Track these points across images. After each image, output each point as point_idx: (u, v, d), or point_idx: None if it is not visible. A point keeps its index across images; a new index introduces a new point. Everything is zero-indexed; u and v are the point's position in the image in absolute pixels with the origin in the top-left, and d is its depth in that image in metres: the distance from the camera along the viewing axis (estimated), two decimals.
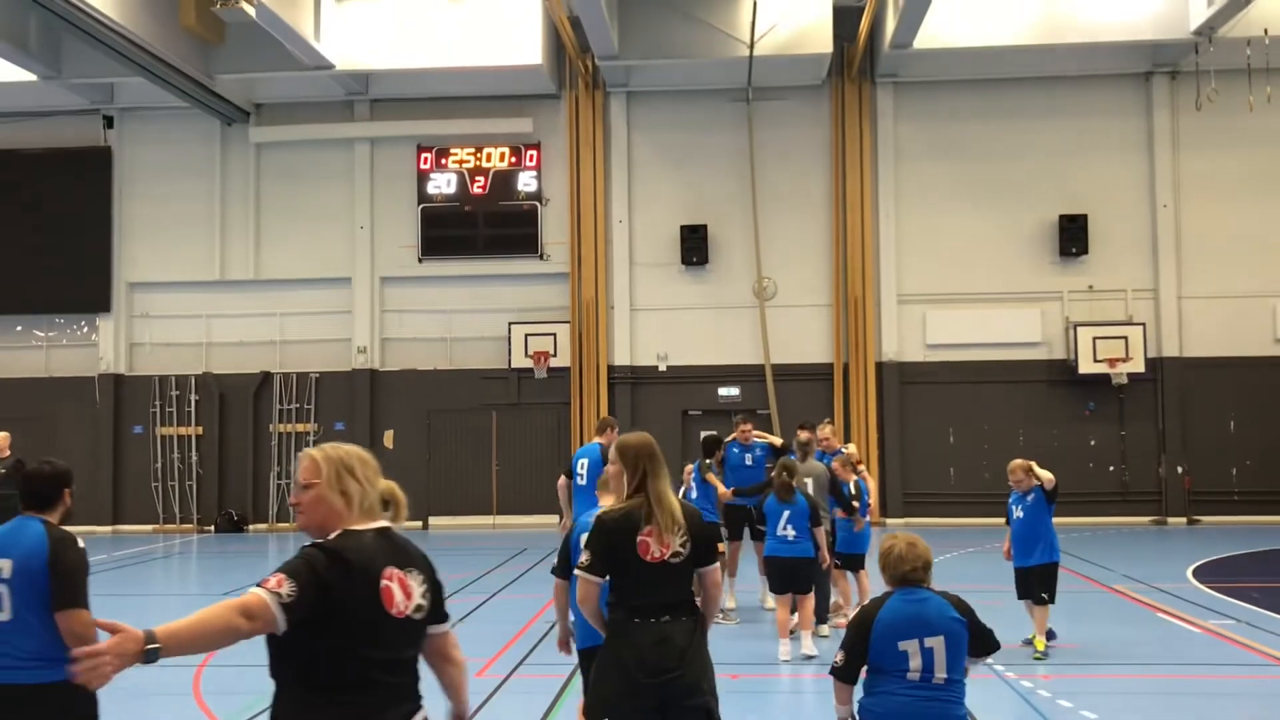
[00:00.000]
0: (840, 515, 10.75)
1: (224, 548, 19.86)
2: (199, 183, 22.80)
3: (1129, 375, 20.77)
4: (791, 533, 9.62)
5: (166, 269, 22.80)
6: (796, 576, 9.61)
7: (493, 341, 22.13)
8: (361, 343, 22.38)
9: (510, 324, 21.91)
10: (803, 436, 11.72)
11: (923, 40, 19.54)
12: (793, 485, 9.77)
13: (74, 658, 2.76)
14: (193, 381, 22.58)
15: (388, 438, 22.32)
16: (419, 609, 3.34)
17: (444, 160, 22.40)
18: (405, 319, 22.60)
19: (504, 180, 22.35)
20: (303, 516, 3.38)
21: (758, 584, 11.72)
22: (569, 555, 5.41)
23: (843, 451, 11.62)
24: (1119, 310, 21.40)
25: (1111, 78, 21.57)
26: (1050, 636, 9.51)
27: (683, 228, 21.80)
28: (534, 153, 22.31)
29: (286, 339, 22.70)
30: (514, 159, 22.34)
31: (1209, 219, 21.31)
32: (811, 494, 10.23)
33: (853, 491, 10.75)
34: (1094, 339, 20.88)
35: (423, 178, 22.43)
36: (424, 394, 22.20)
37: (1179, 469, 21.15)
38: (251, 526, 22.21)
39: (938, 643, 4.44)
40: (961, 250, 21.58)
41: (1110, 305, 21.44)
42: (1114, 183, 21.58)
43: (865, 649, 4.50)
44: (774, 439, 12.67)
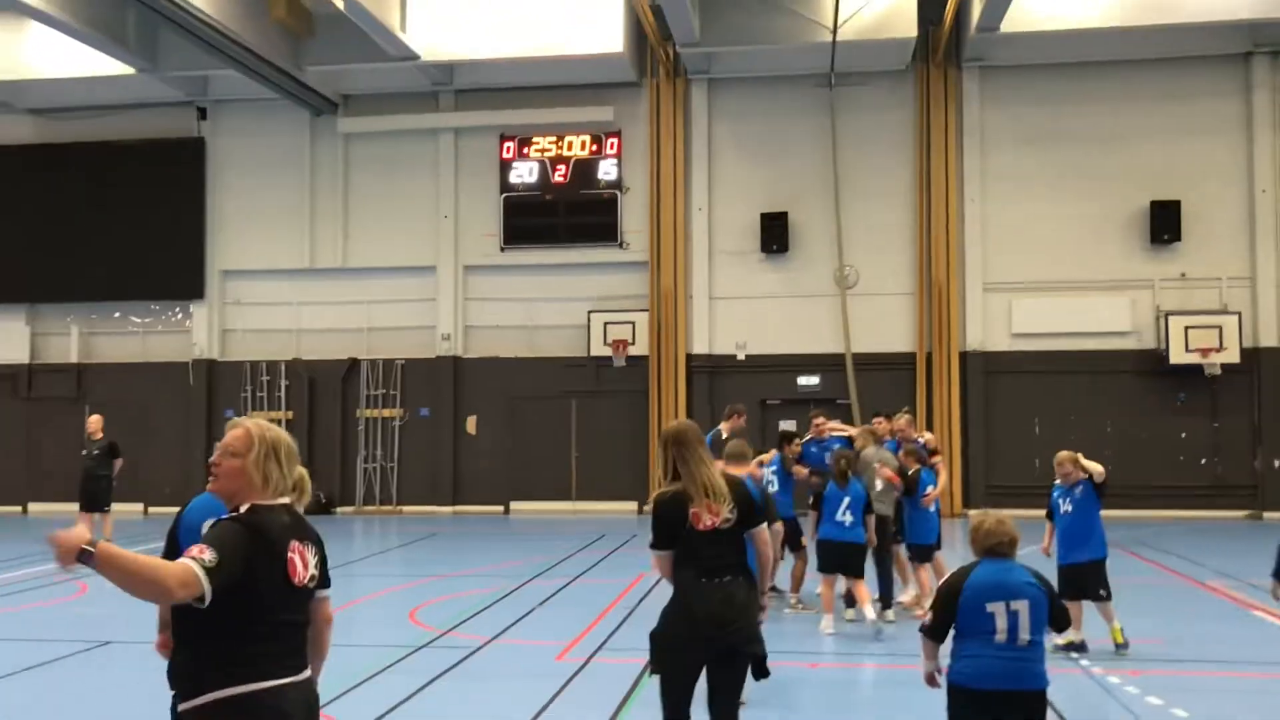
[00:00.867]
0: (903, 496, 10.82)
1: None
2: (289, 173, 23.30)
3: (1223, 366, 20.20)
4: (849, 518, 10.11)
5: (258, 257, 23.36)
6: (848, 560, 10.12)
7: (573, 330, 22.28)
8: (446, 330, 22.70)
9: (590, 312, 22.04)
10: (878, 426, 11.76)
11: (1009, 23, 19.14)
12: (848, 473, 10.23)
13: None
14: (283, 367, 23.12)
15: (470, 424, 22.62)
16: (313, 578, 3.69)
17: (526, 149, 22.58)
18: (488, 307, 22.85)
19: (585, 169, 22.45)
20: (218, 482, 3.68)
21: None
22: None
23: (919, 441, 11.55)
24: (1213, 299, 20.79)
25: (1207, 59, 20.91)
26: (1081, 649, 9.00)
27: (763, 215, 21.70)
28: (614, 141, 22.37)
29: (374, 326, 23.11)
30: (595, 147, 22.43)
31: None
32: (875, 482, 10.49)
33: (910, 476, 10.73)
34: (1186, 328, 20.32)
35: (505, 167, 22.64)
36: (505, 381, 22.45)
37: (1276, 463, 20.52)
38: (339, 509, 22.70)
39: (1022, 606, 4.83)
40: (1049, 238, 21.15)
41: (1203, 294, 20.84)
42: (1208, 167, 20.96)
43: (954, 611, 4.89)
44: (851, 430, 12.60)
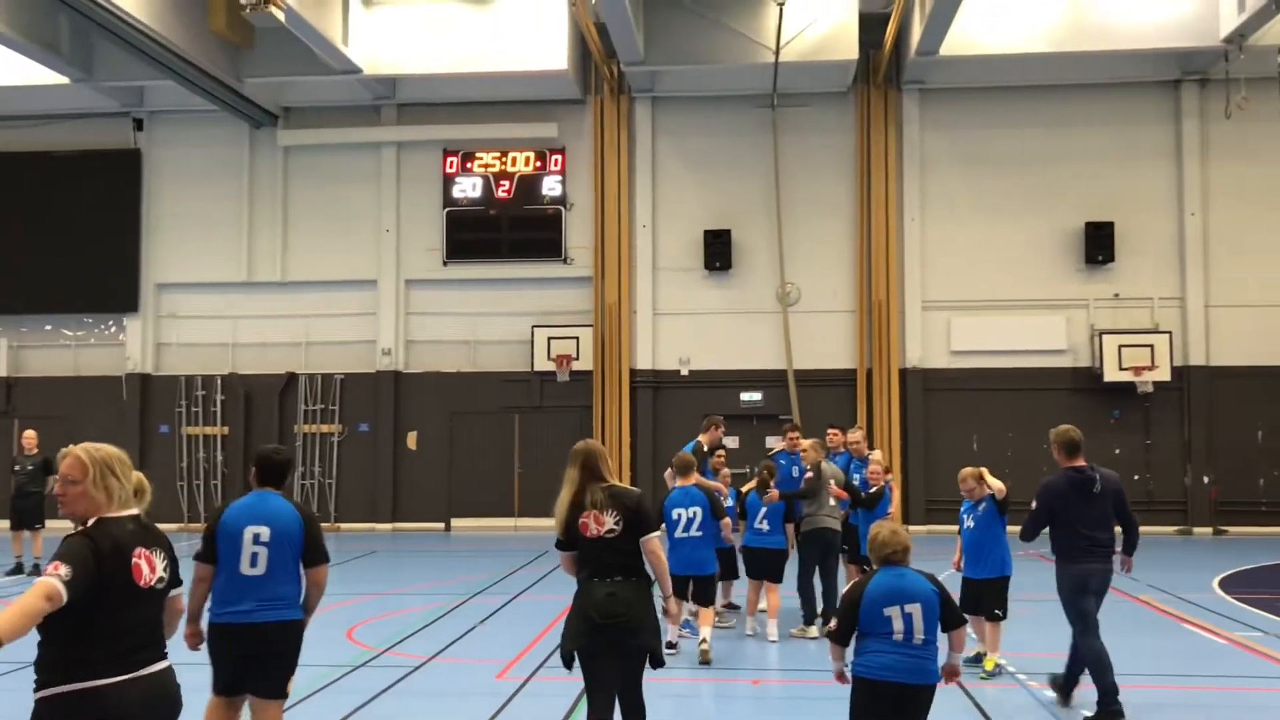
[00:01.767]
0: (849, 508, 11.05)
1: None
2: (227, 185, 22.99)
3: (1155, 384, 20.65)
4: (766, 526, 10.75)
5: (194, 270, 23.00)
6: (768, 565, 10.68)
7: (516, 345, 22.20)
8: (386, 345, 22.50)
9: (533, 327, 21.99)
10: (831, 438, 11.88)
11: (949, 47, 19.47)
12: (769, 483, 10.80)
13: None
14: (219, 382, 22.76)
15: (411, 439, 22.42)
16: (160, 580, 4.16)
17: (469, 164, 22.50)
18: (429, 321, 22.69)
19: (529, 184, 22.42)
20: (67, 507, 4.12)
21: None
22: (662, 518, 9.69)
23: (868, 458, 11.62)
24: (1145, 318, 21.26)
25: (1140, 85, 21.43)
26: (977, 660, 9.07)
27: (706, 232, 21.82)
28: (559, 157, 22.37)
29: (312, 340, 22.84)
30: (539, 163, 22.41)
31: (1237, 227, 21.15)
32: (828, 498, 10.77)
33: (873, 491, 10.88)
34: (1119, 347, 20.76)
35: (448, 181, 22.54)
36: (447, 396, 22.30)
37: (1205, 479, 20.99)
38: None
39: (916, 609, 5.28)
40: (986, 257, 21.50)
41: (1136, 313, 21.30)
42: (1141, 190, 21.45)
43: (856, 616, 5.37)
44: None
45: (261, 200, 22.97)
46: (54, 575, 3.78)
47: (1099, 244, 21.17)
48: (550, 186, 22.39)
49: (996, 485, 9.16)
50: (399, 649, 10.18)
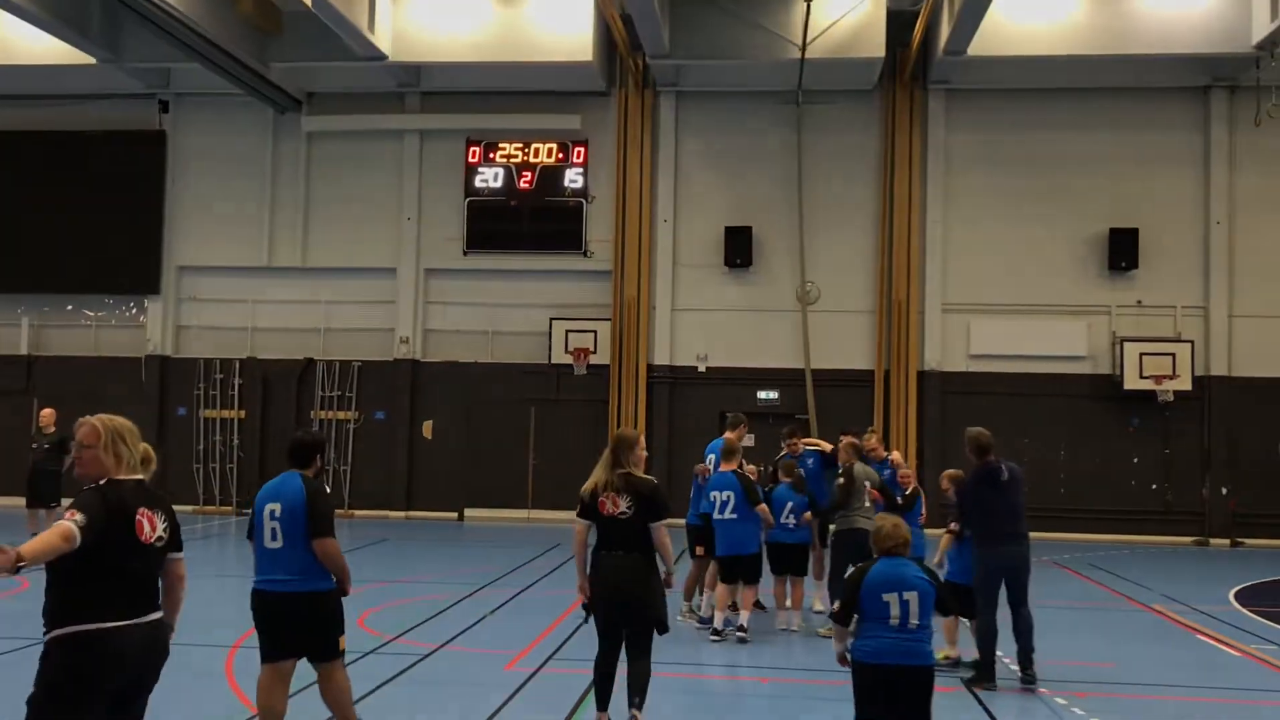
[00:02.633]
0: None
1: None
2: (250, 170, 23.06)
3: (1175, 393, 20.46)
4: (792, 521, 11.00)
5: (215, 254, 23.08)
6: (794, 561, 11.01)
7: (534, 337, 22.19)
8: (404, 333, 22.53)
9: (552, 320, 21.97)
10: (845, 442, 11.75)
11: (977, 48, 19.32)
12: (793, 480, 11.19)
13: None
14: (237, 366, 22.84)
15: (426, 428, 22.46)
16: (160, 539, 4.69)
17: (492, 154, 22.49)
18: (448, 311, 22.71)
19: (551, 176, 22.40)
20: (82, 469, 4.72)
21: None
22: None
23: (889, 460, 11.60)
24: (1167, 327, 21.09)
25: (1168, 90, 21.25)
26: (956, 665, 9.28)
27: (727, 229, 21.75)
28: (581, 149, 22.34)
29: (331, 327, 22.90)
30: (561, 155, 22.38)
31: (1263, 237, 20.96)
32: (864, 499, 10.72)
33: (909, 494, 10.86)
34: (1141, 355, 20.59)
35: (470, 171, 22.54)
36: (464, 386, 22.32)
37: (1223, 490, 20.82)
38: None
39: (913, 596, 5.69)
40: (1008, 261, 21.36)
41: (1159, 321, 21.13)
42: (1167, 197, 21.27)
43: (857, 600, 5.78)
44: (824, 445, 12.66)
45: (284, 185, 23.03)
46: (71, 520, 4.34)
47: (1123, 250, 21.01)
48: (572, 179, 22.37)
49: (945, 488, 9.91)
50: (408, 637, 10.19)
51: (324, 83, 22.42)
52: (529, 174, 22.40)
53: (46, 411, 16.50)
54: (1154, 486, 20.99)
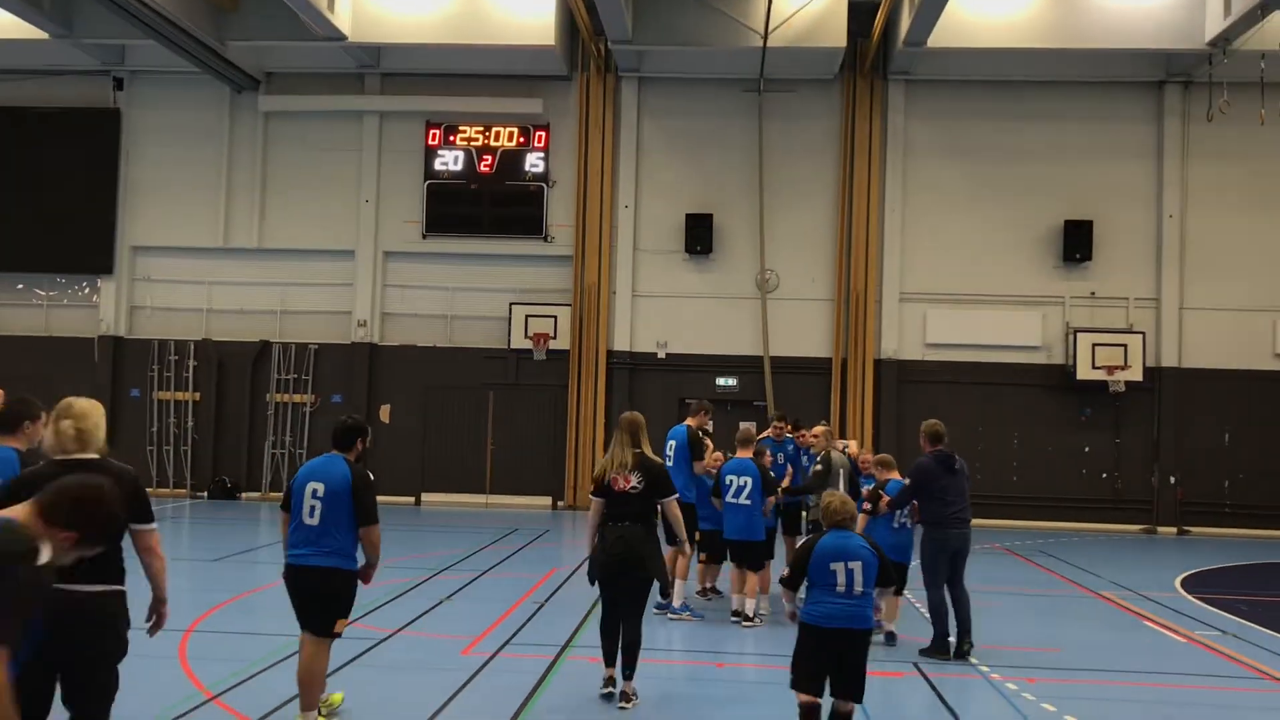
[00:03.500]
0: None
1: (216, 514, 19.89)
2: (206, 149, 22.76)
3: (1126, 384, 20.80)
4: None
5: (170, 234, 22.77)
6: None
7: (493, 321, 22.13)
8: (362, 316, 22.38)
9: (511, 304, 21.92)
10: (772, 431, 12.26)
11: (937, 39, 19.45)
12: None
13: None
14: (192, 347, 22.58)
15: (384, 412, 22.34)
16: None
17: (452, 137, 22.36)
18: (407, 294, 22.58)
19: (511, 160, 22.30)
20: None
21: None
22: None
23: (845, 450, 11.71)
24: (1120, 318, 21.41)
25: (1124, 84, 21.53)
26: (890, 640, 9.80)
27: (688, 216, 21.79)
28: (543, 134, 22.25)
29: (287, 309, 22.68)
30: (522, 139, 22.28)
31: (1215, 231, 21.32)
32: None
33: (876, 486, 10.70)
34: (1094, 345, 20.90)
35: (430, 153, 22.39)
36: (422, 370, 22.21)
37: (1171, 479, 21.20)
38: (245, 494, 22.25)
39: (857, 566, 6.29)
40: (965, 250, 21.58)
41: (1111, 312, 21.45)
42: (1121, 190, 21.57)
43: (806, 566, 6.38)
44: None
45: (240, 166, 22.75)
46: None
47: (1078, 242, 21.29)
48: (533, 163, 22.28)
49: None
50: (365, 621, 10.16)
51: (282, 62, 22.16)
52: (489, 157, 22.29)
53: None
54: (1104, 475, 21.33)
